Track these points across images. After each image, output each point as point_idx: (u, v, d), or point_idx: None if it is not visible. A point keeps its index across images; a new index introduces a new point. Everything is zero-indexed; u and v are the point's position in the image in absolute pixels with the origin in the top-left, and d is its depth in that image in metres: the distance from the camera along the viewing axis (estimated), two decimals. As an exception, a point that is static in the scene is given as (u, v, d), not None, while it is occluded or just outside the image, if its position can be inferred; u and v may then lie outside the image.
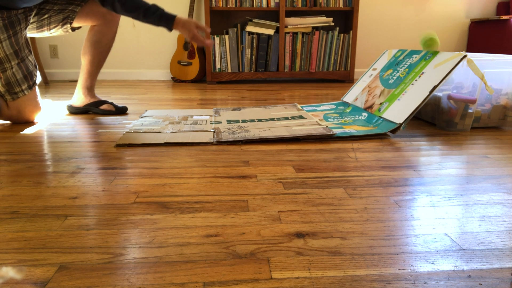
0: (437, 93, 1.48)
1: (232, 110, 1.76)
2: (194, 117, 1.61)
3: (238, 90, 2.54)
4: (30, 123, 1.54)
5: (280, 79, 3.17)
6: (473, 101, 1.39)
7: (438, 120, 1.48)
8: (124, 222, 0.73)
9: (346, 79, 2.91)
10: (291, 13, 2.91)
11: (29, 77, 1.46)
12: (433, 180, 0.95)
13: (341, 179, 0.95)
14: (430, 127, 1.50)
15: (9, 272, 0.58)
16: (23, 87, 1.46)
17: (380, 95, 1.56)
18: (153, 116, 1.63)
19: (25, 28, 1.45)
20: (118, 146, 1.24)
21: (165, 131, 1.40)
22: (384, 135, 1.35)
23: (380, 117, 1.45)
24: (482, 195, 0.86)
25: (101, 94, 2.33)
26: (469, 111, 1.41)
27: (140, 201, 0.82)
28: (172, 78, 3.02)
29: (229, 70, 2.84)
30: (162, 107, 1.89)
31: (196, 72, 2.89)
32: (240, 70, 2.85)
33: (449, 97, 1.42)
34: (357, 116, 1.57)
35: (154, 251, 0.64)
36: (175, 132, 1.38)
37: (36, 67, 1.52)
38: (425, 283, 0.55)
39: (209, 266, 0.59)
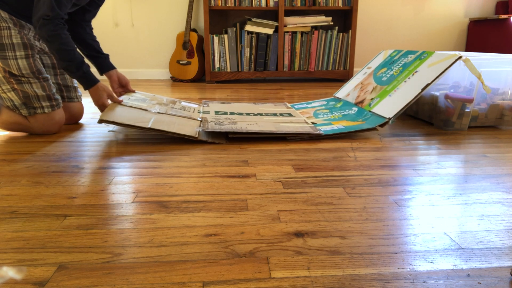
0: (434, 92, 1.48)
1: (221, 103, 1.74)
2: (183, 103, 1.58)
3: (237, 89, 2.54)
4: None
5: (279, 78, 3.17)
6: (470, 101, 1.40)
7: (436, 120, 1.48)
8: (123, 221, 0.73)
9: (345, 78, 2.91)
10: (290, 13, 2.91)
11: (52, 98, 1.36)
12: (432, 179, 0.95)
13: (340, 178, 0.95)
14: (428, 127, 1.50)
15: (9, 272, 0.58)
16: (44, 105, 1.35)
17: (372, 91, 1.56)
18: (141, 93, 1.61)
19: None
20: (102, 121, 1.19)
21: (152, 109, 1.36)
22: (372, 130, 1.32)
23: (370, 111, 1.45)
24: (481, 194, 0.86)
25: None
26: (467, 110, 1.41)
27: (139, 201, 0.82)
28: (171, 77, 3.01)
29: (228, 70, 2.84)
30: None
31: (195, 72, 2.89)
32: (239, 70, 2.85)
33: (447, 97, 1.42)
34: (347, 110, 1.56)
35: (153, 250, 0.63)
36: (162, 113, 1.34)
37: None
38: (424, 282, 0.55)
39: (208, 265, 0.59)
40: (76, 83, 1.53)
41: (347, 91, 1.76)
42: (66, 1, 1.25)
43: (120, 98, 1.41)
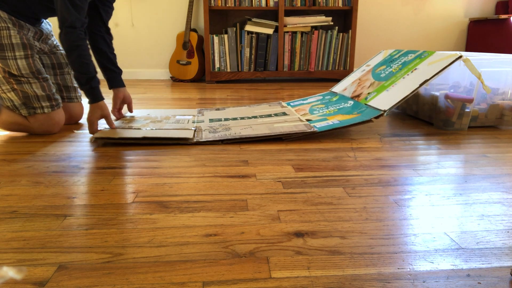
0: (434, 92, 1.48)
1: (216, 110, 1.74)
2: (177, 117, 1.57)
3: (237, 89, 2.54)
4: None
5: (279, 78, 3.17)
6: (470, 101, 1.40)
7: (436, 120, 1.48)
8: (123, 221, 0.73)
9: (345, 78, 2.91)
10: (290, 13, 2.91)
11: (52, 98, 1.37)
12: (432, 179, 0.95)
13: (340, 178, 0.95)
14: (428, 127, 1.50)
15: (9, 272, 0.58)
16: (44, 105, 1.35)
17: (369, 86, 1.55)
18: (133, 115, 1.61)
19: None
20: (97, 139, 1.24)
21: (145, 128, 1.37)
22: (367, 122, 1.29)
23: (366, 104, 1.44)
24: (481, 194, 0.86)
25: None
26: (466, 110, 1.41)
27: (139, 201, 0.82)
28: (171, 77, 3.01)
29: (228, 70, 2.84)
30: (161, 107, 1.89)
31: (195, 72, 2.89)
32: (239, 70, 2.85)
33: (447, 97, 1.42)
34: (342, 103, 1.55)
35: (153, 250, 0.64)
36: (156, 129, 1.36)
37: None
38: (424, 282, 0.55)
39: (208, 265, 0.59)
40: (76, 83, 1.54)
41: (344, 86, 1.75)
42: (81, 2, 1.25)
43: (115, 123, 1.44)
